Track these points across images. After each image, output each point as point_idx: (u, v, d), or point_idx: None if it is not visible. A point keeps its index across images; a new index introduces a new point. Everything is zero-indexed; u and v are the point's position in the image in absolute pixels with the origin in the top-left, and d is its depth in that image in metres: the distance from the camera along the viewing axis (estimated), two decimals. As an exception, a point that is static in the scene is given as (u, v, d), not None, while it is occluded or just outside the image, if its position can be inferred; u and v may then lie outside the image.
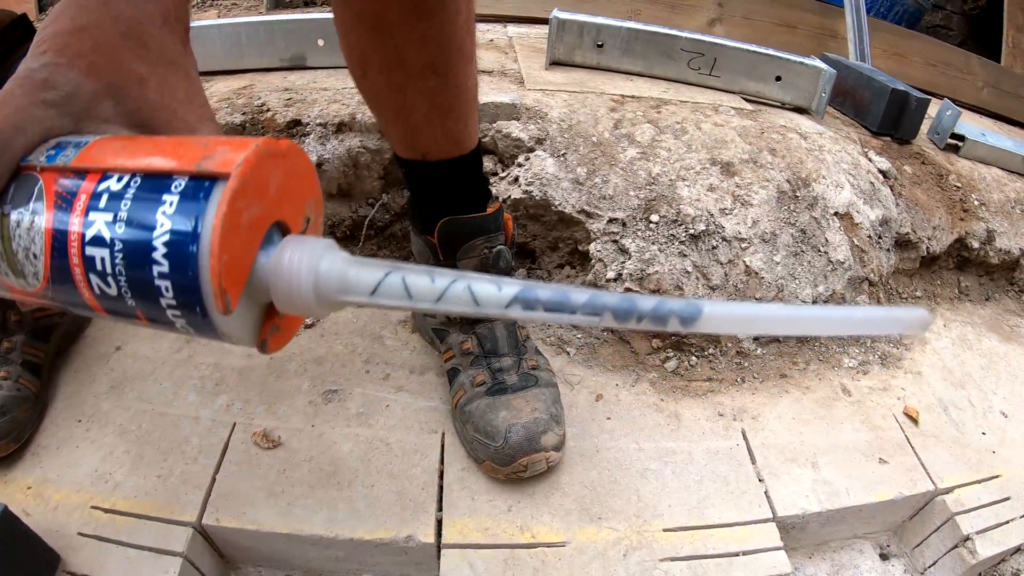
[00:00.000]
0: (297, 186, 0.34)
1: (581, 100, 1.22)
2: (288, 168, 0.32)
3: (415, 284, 0.30)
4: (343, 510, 0.77)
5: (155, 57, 0.39)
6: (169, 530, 0.73)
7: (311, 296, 0.30)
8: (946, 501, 0.91)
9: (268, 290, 0.32)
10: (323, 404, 0.90)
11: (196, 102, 0.41)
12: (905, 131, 1.40)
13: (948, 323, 1.27)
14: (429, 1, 0.63)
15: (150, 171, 0.29)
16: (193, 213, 0.28)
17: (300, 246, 0.31)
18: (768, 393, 1.02)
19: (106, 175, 0.30)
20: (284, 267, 0.30)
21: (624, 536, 0.79)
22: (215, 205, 0.28)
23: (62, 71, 0.35)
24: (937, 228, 1.28)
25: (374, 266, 0.31)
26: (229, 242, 0.28)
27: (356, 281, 0.30)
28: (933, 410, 1.05)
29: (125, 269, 0.29)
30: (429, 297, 0.30)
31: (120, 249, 0.29)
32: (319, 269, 0.30)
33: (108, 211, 0.29)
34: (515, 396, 0.83)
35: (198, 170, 0.28)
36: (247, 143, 0.30)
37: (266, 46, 1.22)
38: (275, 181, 0.31)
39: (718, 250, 1.04)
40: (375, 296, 0.30)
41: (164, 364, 0.94)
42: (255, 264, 0.31)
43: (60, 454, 0.81)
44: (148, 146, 0.32)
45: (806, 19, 1.94)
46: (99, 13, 0.37)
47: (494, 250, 0.85)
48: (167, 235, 0.28)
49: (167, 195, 0.28)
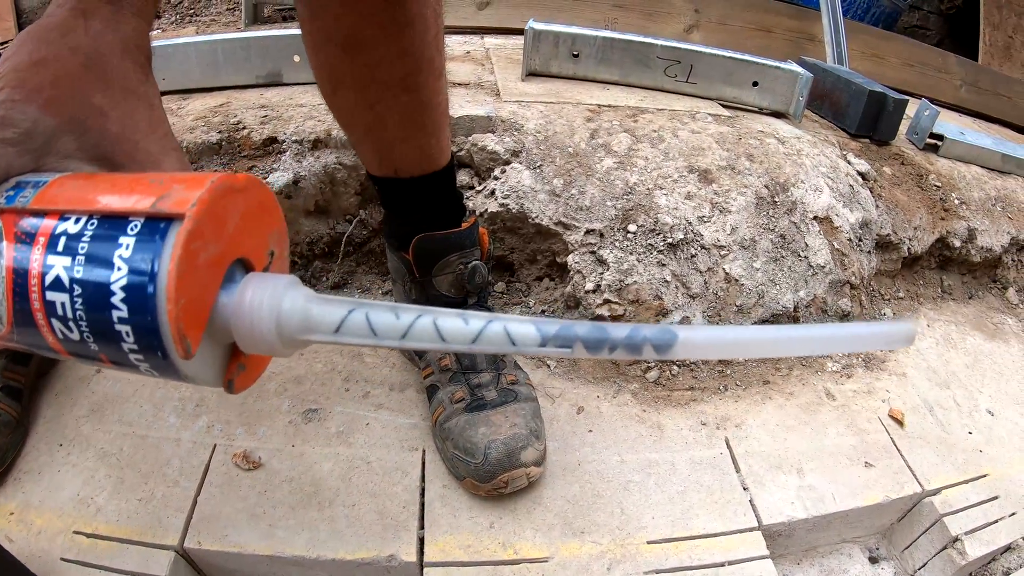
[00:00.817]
0: (258, 220, 0.33)
1: (557, 111, 1.22)
2: (247, 203, 0.32)
3: (379, 321, 0.29)
4: (325, 530, 0.76)
5: (116, 88, 0.38)
6: (151, 554, 0.72)
7: (274, 336, 0.30)
8: (934, 502, 0.91)
9: (231, 330, 0.31)
10: (303, 424, 0.89)
11: (159, 132, 0.41)
12: (884, 132, 1.40)
13: (932, 323, 1.27)
14: (399, 18, 0.63)
15: (107, 212, 0.29)
16: (149, 256, 0.27)
17: (261, 284, 0.30)
18: (751, 400, 1.02)
19: (64, 216, 0.30)
20: (246, 307, 0.30)
21: (608, 550, 0.78)
22: (170, 247, 0.27)
23: (19, 107, 0.34)
24: (918, 228, 1.28)
25: (337, 303, 0.30)
26: (186, 285, 0.27)
27: (319, 319, 0.30)
28: (918, 411, 1.05)
29: (85, 314, 0.29)
30: (394, 334, 0.29)
31: (79, 294, 0.29)
32: (281, 308, 0.30)
33: (66, 255, 0.29)
34: (494, 412, 0.82)
35: (153, 211, 0.28)
36: (203, 180, 0.29)
37: (242, 63, 1.22)
38: (233, 218, 0.31)
39: (697, 258, 1.04)
40: (339, 334, 0.30)
41: (145, 386, 0.93)
42: (216, 304, 0.30)
43: (42, 479, 0.80)
44: (105, 185, 0.31)
45: (782, 23, 1.95)
46: (58, 45, 0.37)
47: (469, 265, 0.85)
48: (124, 279, 0.28)
49: (124, 237, 0.28)
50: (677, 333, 0.29)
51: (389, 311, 0.30)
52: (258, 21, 1.81)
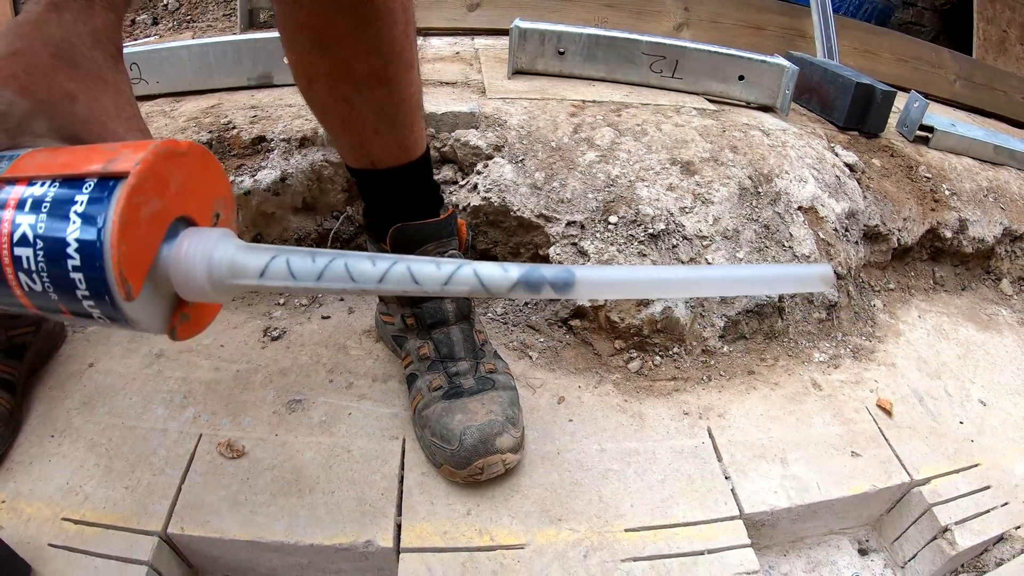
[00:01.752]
0: (203, 183, 0.36)
1: (541, 107, 1.23)
2: (191, 166, 0.34)
3: (297, 265, 0.32)
4: (304, 517, 0.78)
5: (85, 74, 0.41)
6: (135, 539, 0.74)
7: (205, 282, 0.32)
8: (923, 492, 0.90)
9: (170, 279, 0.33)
10: (287, 414, 0.91)
11: (124, 114, 0.43)
12: (872, 125, 1.40)
13: (923, 314, 1.27)
14: (367, 14, 0.65)
15: (66, 176, 0.32)
16: (99, 210, 0.30)
17: (197, 236, 0.33)
18: (735, 390, 1.02)
19: (31, 182, 0.33)
20: (182, 256, 0.33)
21: (584, 537, 0.79)
22: (115, 200, 0.30)
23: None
24: (908, 219, 1.27)
25: (262, 251, 0.33)
26: (128, 234, 0.30)
27: (245, 265, 0.32)
28: (908, 401, 1.05)
29: (46, 265, 0.32)
30: (310, 276, 0.32)
31: (41, 248, 0.32)
32: (212, 256, 0.32)
33: (31, 213, 0.32)
34: (471, 399, 0.83)
35: (103, 171, 0.31)
36: (148, 144, 0.32)
37: (234, 65, 1.25)
38: (177, 179, 0.33)
39: (679, 248, 1.05)
40: (263, 278, 0.32)
41: (134, 379, 0.96)
42: (159, 256, 0.33)
43: (32, 469, 0.82)
44: (66, 155, 0.34)
45: (773, 20, 1.95)
46: (32, 37, 0.40)
47: (446, 255, 0.86)
48: (77, 231, 0.31)
49: (79, 195, 0.31)
50: (575, 273, 0.30)
51: (307, 255, 0.32)
52: (254, 26, 1.84)
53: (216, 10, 2.20)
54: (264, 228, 1.12)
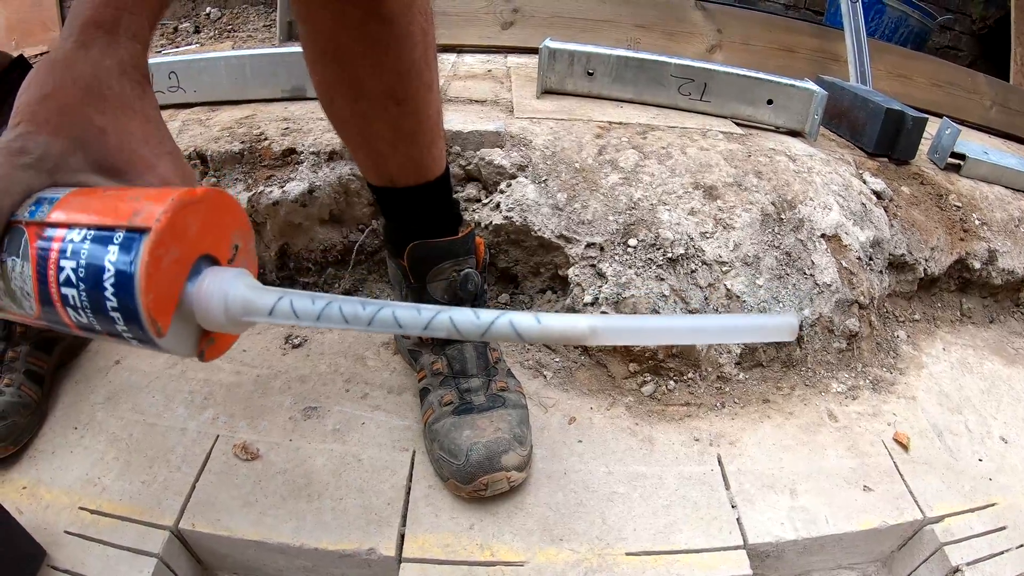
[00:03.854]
0: (220, 222, 0.39)
1: (567, 127, 1.24)
2: (208, 210, 0.38)
3: (300, 306, 0.35)
4: (311, 521, 0.80)
5: (113, 107, 0.45)
6: (148, 532, 0.77)
7: (222, 317, 0.36)
8: (935, 530, 0.88)
9: (194, 312, 0.38)
10: (302, 420, 0.93)
11: (153, 140, 0.47)
12: (903, 151, 1.38)
13: (948, 346, 1.24)
14: (385, 34, 0.67)
15: (99, 226, 0.36)
16: (128, 260, 0.34)
17: (215, 276, 0.37)
18: (748, 418, 1.01)
19: (70, 228, 0.37)
20: (203, 295, 0.37)
21: (584, 558, 0.79)
22: (142, 251, 0.34)
23: (33, 137, 0.42)
24: (935, 249, 1.25)
25: (271, 293, 0.36)
26: (154, 282, 0.34)
27: (256, 304, 0.36)
28: (926, 436, 1.03)
29: (89, 303, 0.37)
30: (310, 316, 0.35)
31: (84, 289, 0.36)
32: (227, 295, 0.36)
33: (72, 259, 0.36)
34: (480, 416, 0.84)
35: (130, 224, 0.35)
36: (167, 196, 0.35)
37: (269, 77, 1.29)
38: (195, 224, 0.37)
39: (697, 273, 1.05)
40: (272, 316, 0.36)
41: (158, 378, 0.99)
42: (184, 292, 0.37)
43: (55, 458, 0.86)
44: (98, 203, 0.38)
45: (805, 43, 1.93)
46: (62, 78, 0.43)
47: (462, 273, 0.88)
48: (112, 278, 0.35)
49: (111, 245, 0.35)
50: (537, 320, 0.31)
51: (307, 298, 0.35)
52: (292, 38, 1.89)
53: (256, 20, 2.26)
54: (291, 238, 1.15)
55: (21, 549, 0.72)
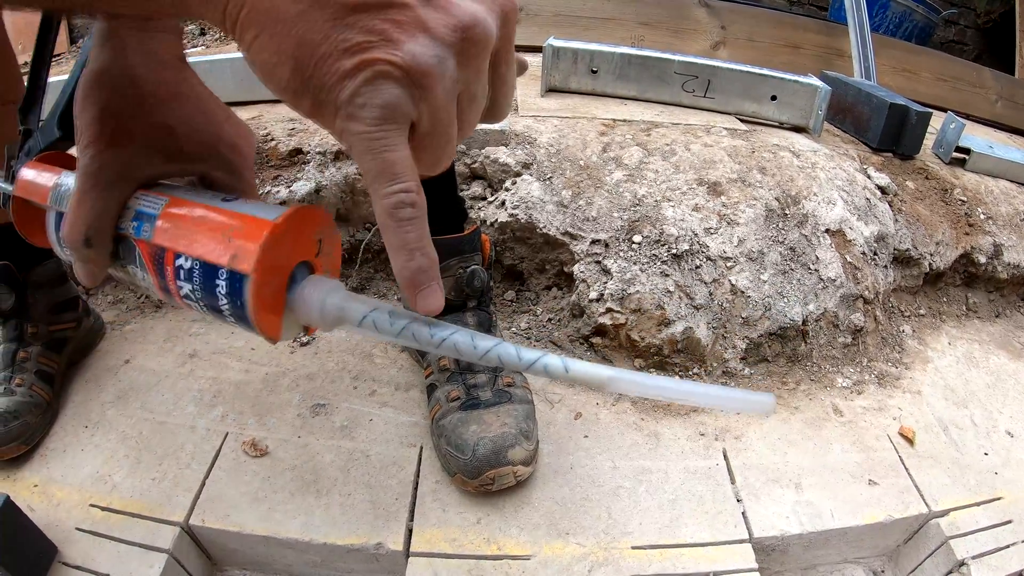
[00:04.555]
0: (304, 233, 0.43)
1: (572, 125, 1.25)
2: (293, 232, 0.41)
3: (380, 322, 0.39)
4: (319, 516, 0.81)
5: (164, 99, 0.46)
6: (158, 528, 0.78)
7: (319, 322, 0.41)
8: (940, 524, 0.89)
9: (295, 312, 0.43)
10: (310, 417, 0.94)
11: (209, 115, 0.49)
12: (907, 146, 1.38)
13: (954, 341, 1.24)
14: None
15: (204, 260, 0.41)
16: (237, 295, 0.40)
17: (313, 288, 0.42)
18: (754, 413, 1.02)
19: (177, 255, 0.42)
20: (303, 304, 0.41)
21: (590, 552, 0.80)
22: (248, 295, 0.39)
23: (106, 155, 0.44)
24: (940, 244, 1.25)
25: (360, 304, 0.40)
26: (262, 310, 0.40)
27: (348, 316, 0.40)
28: (932, 430, 1.03)
29: (208, 312, 0.42)
30: (391, 332, 0.39)
31: (205, 306, 0.42)
32: (324, 305, 0.41)
33: (188, 282, 0.42)
34: (487, 411, 0.85)
35: (231, 267, 0.39)
36: (256, 235, 0.39)
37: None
38: (285, 248, 0.41)
39: (702, 269, 1.05)
40: (360, 328, 0.40)
41: (168, 377, 1.00)
42: (286, 300, 0.42)
43: (66, 456, 0.87)
44: (196, 232, 0.42)
45: (810, 39, 1.93)
46: (107, 87, 0.45)
47: (468, 270, 0.88)
48: (227, 305, 0.40)
49: (218, 280, 0.40)
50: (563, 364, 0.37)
51: (387, 315, 0.39)
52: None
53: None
54: (298, 236, 1.16)
55: (33, 546, 0.73)
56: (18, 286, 0.92)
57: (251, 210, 0.43)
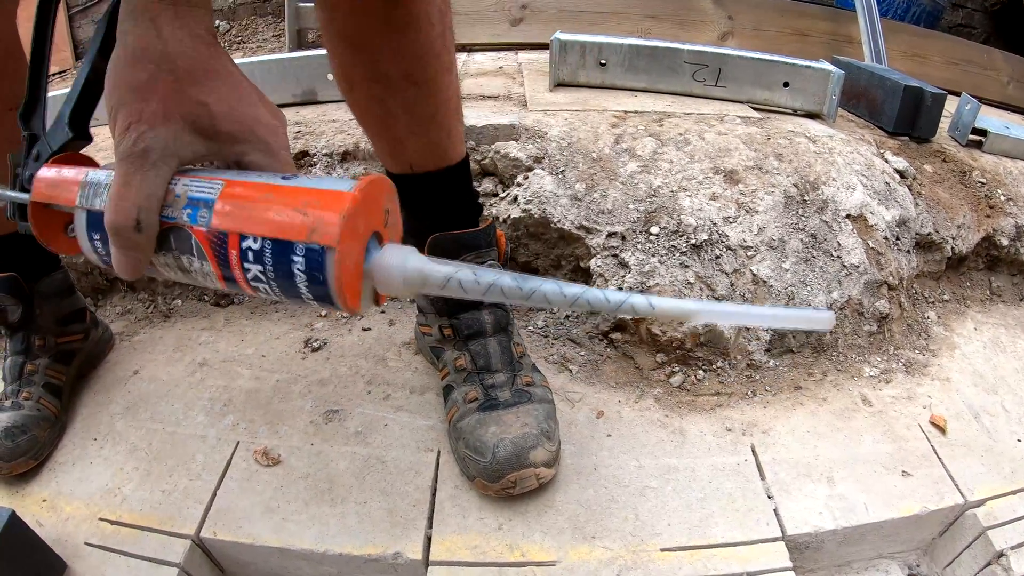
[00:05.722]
0: (376, 203, 0.43)
1: (582, 118, 1.22)
2: (368, 202, 0.41)
3: (466, 281, 0.40)
4: (335, 526, 0.78)
5: (199, 77, 0.45)
6: (169, 542, 0.76)
7: (401, 287, 0.42)
8: (977, 515, 0.85)
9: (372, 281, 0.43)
10: (323, 424, 0.92)
11: (244, 93, 0.48)
12: (923, 129, 1.35)
13: (980, 326, 1.21)
14: (401, 17, 0.66)
15: (276, 237, 0.40)
16: (318, 269, 0.39)
17: (392, 255, 0.42)
18: (781, 406, 0.99)
19: (243, 236, 0.41)
20: (384, 271, 0.42)
21: (618, 555, 0.77)
22: (330, 266, 0.39)
23: (149, 135, 0.43)
24: (962, 227, 1.22)
25: (442, 266, 0.41)
26: (347, 284, 0.40)
27: (431, 278, 0.41)
28: (963, 418, 0.99)
29: (281, 291, 0.42)
30: (478, 292, 0.40)
31: (276, 286, 0.42)
32: (406, 271, 0.41)
33: (257, 263, 0.41)
34: (506, 412, 0.82)
35: (309, 241, 0.39)
36: (337, 208, 0.39)
37: (279, 83, 1.28)
38: (362, 219, 0.41)
39: (722, 259, 1.02)
40: (444, 289, 0.40)
41: (177, 386, 0.98)
42: (363, 271, 0.42)
43: (75, 470, 0.85)
44: (264, 210, 0.41)
45: (818, 26, 1.90)
46: (147, 68, 0.44)
47: (484, 265, 0.85)
48: (305, 282, 0.40)
49: (295, 256, 0.39)
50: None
51: (472, 274, 0.40)
52: (302, 46, 1.89)
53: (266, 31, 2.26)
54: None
55: (42, 562, 0.71)
56: (25, 298, 0.90)
57: (319, 183, 0.42)
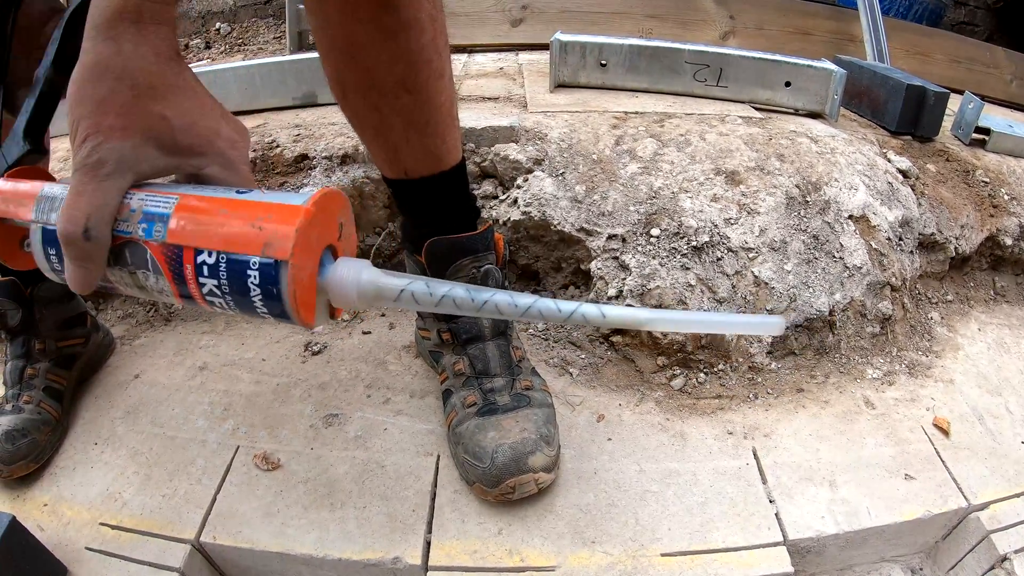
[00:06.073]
0: (331, 216, 0.43)
1: (583, 119, 1.22)
2: (322, 216, 0.41)
3: (419, 293, 0.41)
4: (334, 531, 0.78)
5: (163, 92, 0.46)
6: (169, 546, 0.76)
7: (355, 300, 0.42)
8: (981, 518, 0.85)
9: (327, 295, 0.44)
10: (323, 428, 0.91)
11: (206, 109, 0.49)
12: (926, 128, 1.34)
13: (984, 327, 1.20)
14: (392, 22, 0.66)
15: (230, 252, 0.40)
16: (272, 283, 0.39)
17: (346, 269, 0.42)
18: (783, 409, 0.98)
19: (198, 251, 0.41)
20: (337, 284, 0.42)
21: (618, 561, 0.76)
22: (285, 281, 0.39)
23: (104, 147, 0.43)
24: (965, 227, 1.21)
25: (395, 279, 0.42)
26: (302, 295, 0.40)
27: (385, 291, 0.42)
28: (967, 420, 0.99)
29: (236, 306, 0.42)
30: (429, 303, 0.41)
31: (231, 300, 0.42)
32: (360, 284, 0.42)
33: (212, 277, 0.41)
34: (505, 417, 0.82)
35: (264, 256, 0.39)
36: (289, 220, 0.39)
37: (279, 86, 1.28)
38: (316, 231, 0.41)
39: (723, 261, 1.02)
40: (397, 302, 0.41)
41: (178, 391, 0.98)
42: (318, 284, 0.42)
43: (75, 474, 0.86)
44: (219, 224, 0.41)
45: (821, 25, 1.89)
46: (108, 78, 0.44)
47: (482, 270, 0.85)
48: (260, 296, 0.40)
49: (249, 270, 0.40)
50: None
51: (425, 286, 0.41)
52: (303, 48, 1.89)
53: (267, 33, 2.27)
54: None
55: (43, 567, 0.71)
56: (25, 302, 0.90)
57: (274, 198, 0.42)
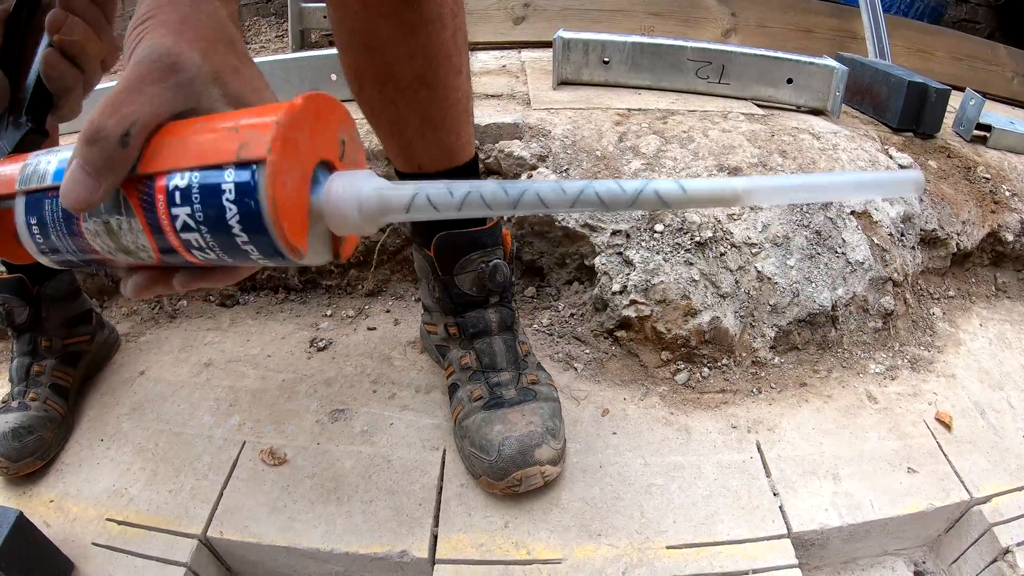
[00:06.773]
0: (325, 122, 0.37)
1: (586, 116, 1.22)
2: (312, 117, 0.35)
3: (437, 197, 0.33)
4: (341, 525, 0.78)
5: (237, 51, 0.43)
6: (175, 541, 0.77)
7: (357, 220, 0.35)
8: (983, 511, 0.85)
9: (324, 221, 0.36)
10: (329, 423, 0.92)
11: (260, 90, 0.45)
12: (927, 125, 1.34)
13: (985, 322, 1.20)
14: (414, 18, 0.66)
15: (203, 165, 0.34)
16: (250, 195, 0.33)
17: (342, 181, 0.35)
18: (786, 403, 0.98)
19: (170, 175, 0.35)
20: (332, 201, 0.35)
21: (624, 553, 0.77)
22: (263, 187, 0.32)
23: (186, 55, 0.38)
24: (967, 223, 1.22)
25: (404, 188, 0.34)
26: (283, 212, 0.33)
27: (393, 203, 0.34)
28: (969, 414, 0.99)
29: (216, 242, 0.35)
30: (451, 207, 0.33)
31: (207, 230, 0.35)
32: (360, 198, 0.34)
33: (184, 205, 0.34)
34: (511, 410, 0.82)
35: (239, 159, 0.32)
36: (267, 116, 0.33)
37: (281, 84, 1.28)
38: (304, 135, 0.34)
39: (727, 256, 1.02)
40: (409, 213, 0.34)
41: (183, 387, 0.98)
42: (310, 204, 0.36)
43: (82, 471, 0.86)
44: (190, 139, 0.35)
45: (822, 22, 1.90)
46: (193, 10, 0.41)
47: (490, 264, 0.85)
48: (237, 216, 0.33)
49: (224, 184, 0.33)
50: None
51: (444, 188, 0.33)
52: (305, 47, 1.89)
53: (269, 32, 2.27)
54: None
55: (49, 563, 0.71)
56: (32, 299, 0.91)
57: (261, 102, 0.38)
